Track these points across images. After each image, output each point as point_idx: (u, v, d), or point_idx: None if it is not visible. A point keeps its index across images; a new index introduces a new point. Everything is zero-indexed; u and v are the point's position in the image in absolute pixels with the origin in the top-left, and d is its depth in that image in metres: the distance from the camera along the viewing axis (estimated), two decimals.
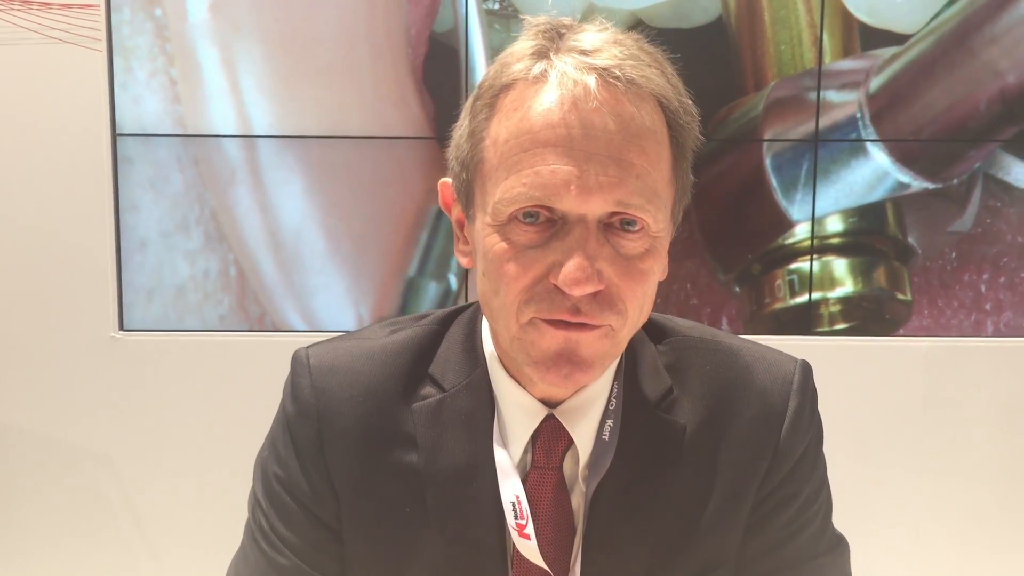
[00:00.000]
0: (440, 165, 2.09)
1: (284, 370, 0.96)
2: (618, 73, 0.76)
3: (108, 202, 2.10)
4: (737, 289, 2.14)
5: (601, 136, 0.75)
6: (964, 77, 2.07)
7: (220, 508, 2.06)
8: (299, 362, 0.91)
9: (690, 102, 0.82)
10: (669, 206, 0.81)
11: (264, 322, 2.14)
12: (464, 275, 2.14)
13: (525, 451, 0.88)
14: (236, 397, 2.11)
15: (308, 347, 0.93)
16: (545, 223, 0.77)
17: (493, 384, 0.89)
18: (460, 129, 0.84)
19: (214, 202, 2.11)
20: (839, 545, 0.93)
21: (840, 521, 0.95)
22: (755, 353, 0.93)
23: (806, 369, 0.92)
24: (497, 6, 2.06)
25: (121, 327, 2.13)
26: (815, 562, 0.89)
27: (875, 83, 2.08)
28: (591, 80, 0.75)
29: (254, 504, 0.93)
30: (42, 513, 2.17)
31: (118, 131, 2.08)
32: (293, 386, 0.91)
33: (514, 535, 0.85)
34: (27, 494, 2.17)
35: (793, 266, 2.14)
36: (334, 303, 2.14)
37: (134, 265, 2.12)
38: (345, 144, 2.09)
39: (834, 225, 2.12)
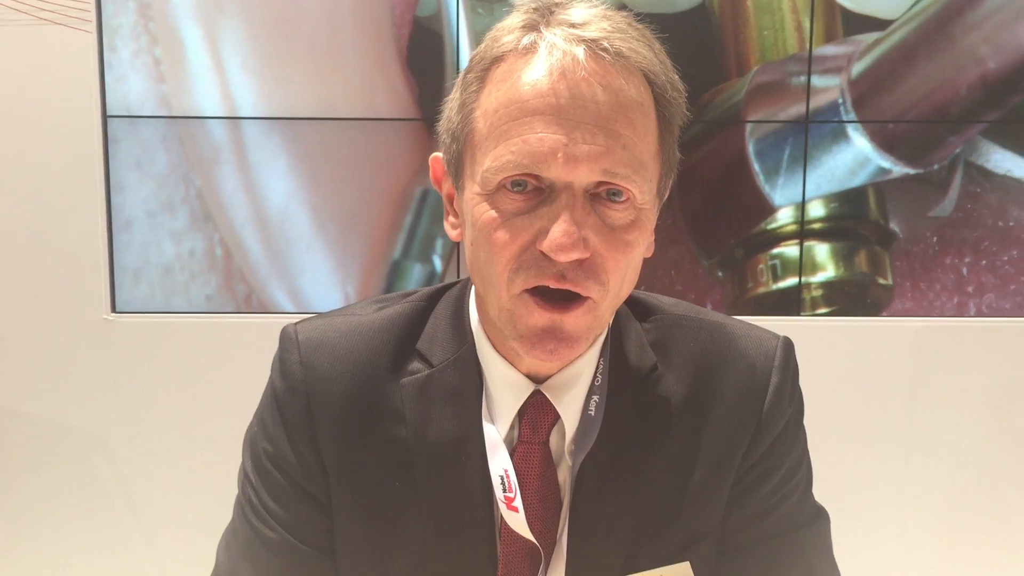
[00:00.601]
0: (425, 146, 2.10)
1: (271, 349, 0.97)
2: (607, 45, 0.77)
3: (99, 185, 2.09)
4: (720, 274, 2.16)
5: (589, 106, 0.76)
6: (945, 63, 2.09)
7: (212, 488, 2.06)
8: (287, 338, 0.92)
9: (677, 78, 0.83)
10: (655, 179, 0.83)
11: (251, 301, 2.14)
12: (449, 257, 2.15)
13: (512, 426, 0.89)
14: (229, 378, 2.11)
15: (296, 323, 0.93)
16: (533, 191, 0.78)
17: (480, 360, 0.90)
18: (451, 102, 0.85)
19: (200, 182, 2.11)
20: (819, 516, 0.95)
21: (827, 501, 0.97)
22: (738, 330, 0.95)
23: (788, 345, 0.94)
24: None
25: (113, 309, 2.13)
26: (796, 532, 0.91)
27: (857, 68, 2.10)
28: (580, 51, 0.77)
29: (243, 479, 0.94)
30: (36, 494, 2.18)
31: (108, 113, 2.08)
32: (282, 362, 0.91)
33: (502, 508, 0.86)
34: (21, 476, 2.17)
35: (776, 251, 2.15)
36: (320, 282, 2.15)
37: (120, 245, 2.12)
38: (330, 124, 2.09)
39: (816, 210, 2.14)
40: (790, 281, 2.16)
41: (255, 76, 2.08)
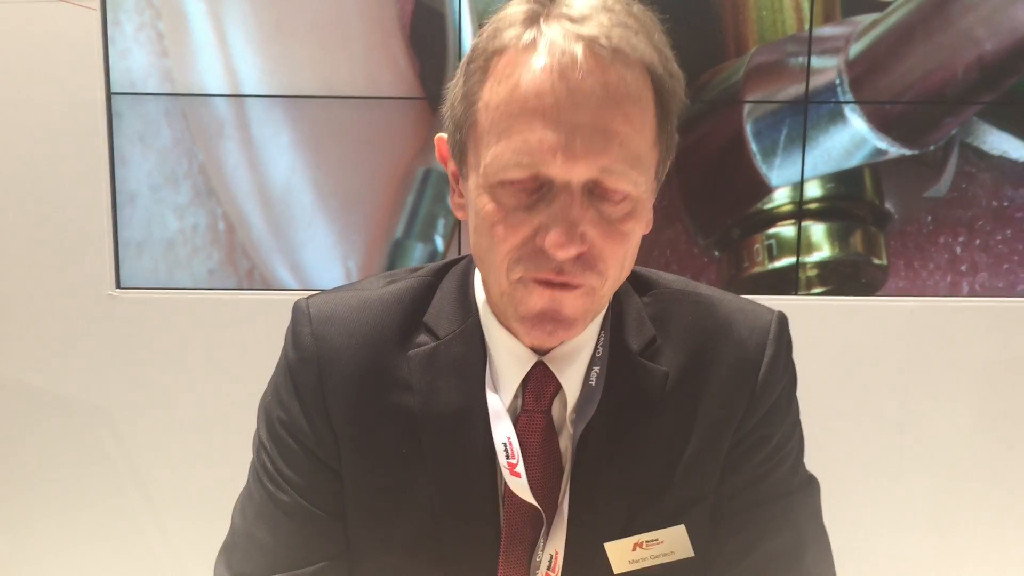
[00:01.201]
0: (427, 124, 2.11)
1: (278, 326, 1.00)
2: (604, 42, 0.79)
3: (104, 161, 2.10)
4: (716, 253, 2.18)
5: (587, 105, 0.79)
6: (942, 44, 2.10)
7: (217, 460, 2.12)
8: (300, 311, 0.96)
9: (675, 66, 0.85)
10: (653, 166, 0.86)
11: (253, 276, 2.16)
12: (450, 236, 2.17)
13: (516, 396, 0.92)
14: (232, 353, 2.14)
15: (308, 298, 0.97)
16: (533, 187, 0.81)
17: (485, 332, 0.93)
18: (454, 89, 0.88)
19: (203, 156, 2.13)
20: (810, 484, 0.98)
21: (821, 478, 1.00)
22: (734, 304, 0.98)
23: (782, 320, 0.97)
24: None
25: (118, 285, 2.16)
26: (788, 498, 0.95)
27: (854, 49, 2.11)
28: (578, 49, 0.78)
29: (258, 446, 0.97)
30: (41, 468, 2.21)
31: (111, 89, 2.09)
32: (294, 334, 0.95)
33: (505, 474, 0.89)
34: (28, 448, 2.20)
35: (772, 231, 2.18)
36: (322, 258, 2.17)
37: (124, 219, 2.14)
38: (333, 102, 2.10)
39: (813, 190, 2.16)
40: (786, 261, 2.18)
41: (258, 51, 2.09)
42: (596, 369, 0.92)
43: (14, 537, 2.25)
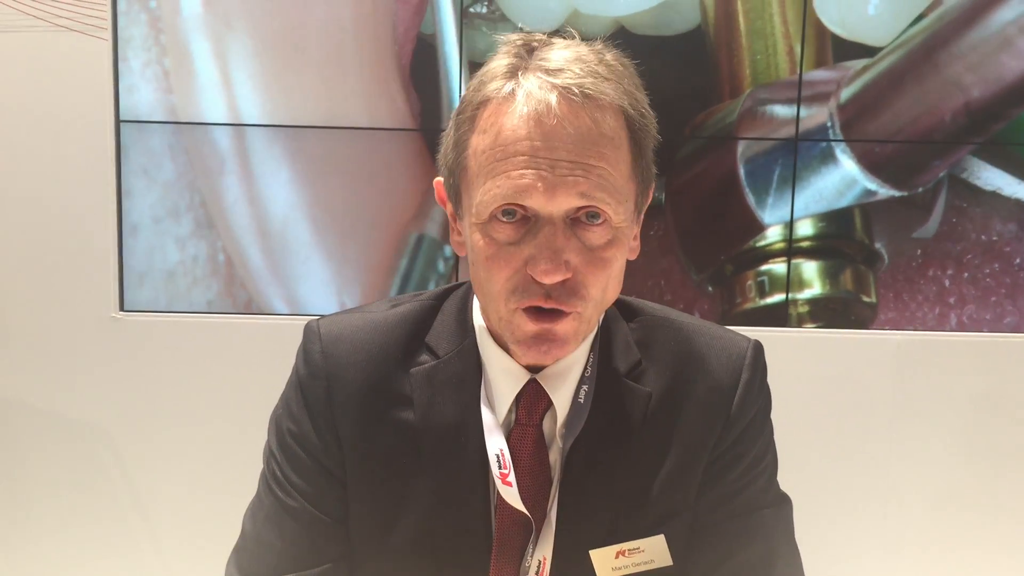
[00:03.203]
0: (423, 159, 2.16)
1: (277, 350, 1.06)
2: (576, 91, 0.87)
3: (111, 187, 2.15)
4: (710, 288, 2.22)
5: (563, 145, 0.87)
6: (930, 90, 2.15)
7: (216, 482, 2.13)
8: (311, 331, 1.02)
9: (647, 108, 0.94)
10: (632, 198, 0.93)
11: (251, 308, 2.19)
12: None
13: (509, 411, 0.99)
14: (233, 376, 2.17)
15: (319, 319, 1.04)
16: (520, 220, 0.89)
17: (481, 352, 1.00)
18: (447, 138, 0.96)
19: (204, 190, 2.17)
20: (783, 502, 1.04)
21: (809, 508, 1.05)
22: (714, 332, 1.05)
23: (757, 347, 1.04)
24: (484, 9, 2.13)
25: (122, 308, 2.19)
26: (760, 513, 1.01)
27: (845, 94, 2.16)
28: (552, 97, 0.87)
29: (268, 456, 1.03)
30: (43, 488, 2.23)
31: (121, 118, 2.14)
32: (305, 352, 1.01)
33: (498, 483, 0.95)
34: (30, 468, 2.22)
35: (764, 267, 2.21)
36: (318, 291, 2.20)
37: (127, 249, 2.18)
38: (332, 136, 2.15)
39: (804, 229, 2.20)
40: (777, 297, 2.22)
41: (261, 88, 2.14)
42: (585, 388, 0.99)
43: (14, 555, 2.25)
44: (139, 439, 2.21)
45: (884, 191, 2.19)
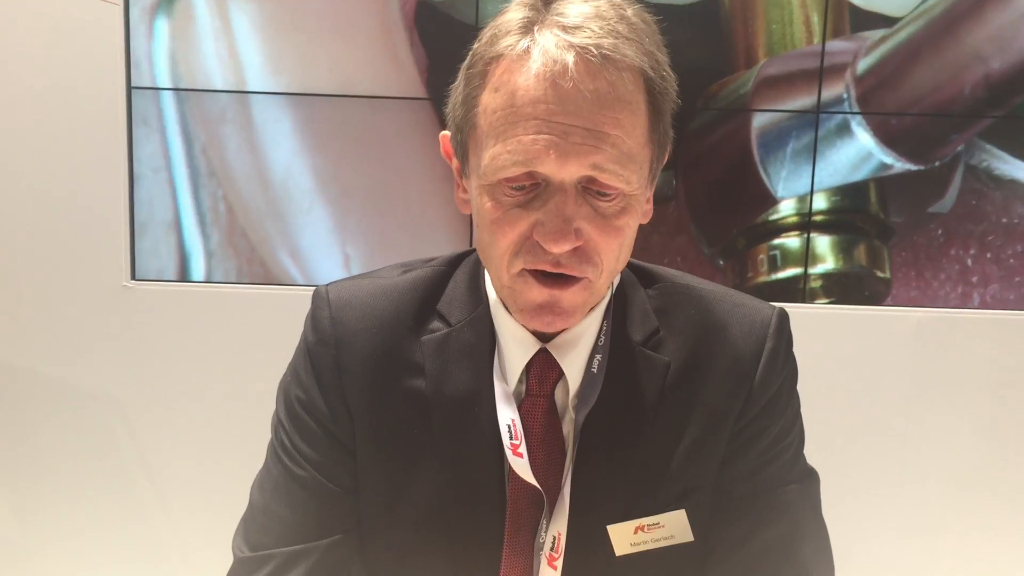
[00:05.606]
0: (429, 122, 2.14)
1: (290, 321, 1.04)
2: (595, 51, 0.82)
3: (122, 156, 2.14)
4: (721, 262, 2.20)
5: (577, 110, 0.82)
6: (949, 61, 2.12)
7: (227, 453, 2.14)
8: (320, 297, 1.00)
9: (668, 69, 0.89)
10: (646, 165, 0.89)
11: (253, 259, 2.19)
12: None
13: (520, 381, 0.96)
14: (245, 346, 2.17)
15: (327, 284, 1.01)
16: (529, 186, 0.85)
17: (493, 320, 0.97)
18: (456, 92, 0.92)
19: (204, 139, 2.15)
20: (809, 476, 1.00)
21: (825, 488, 1.01)
22: (737, 300, 1.01)
23: (782, 315, 1.00)
24: None
25: (133, 276, 2.19)
26: (786, 488, 0.97)
27: (863, 64, 2.13)
28: (569, 58, 0.82)
29: (277, 425, 1.01)
30: (54, 456, 2.23)
31: (133, 84, 2.12)
32: (314, 318, 0.99)
33: (509, 454, 0.92)
34: (41, 438, 2.23)
35: (776, 241, 2.19)
36: (320, 243, 2.19)
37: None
38: (338, 99, 2.13)
39: (818, 203, 2.17)
40: (790, 272, 2.20)
41: (262, 47, 2.11)
42: (598, 357, 0.95)
43: (24, 525, 2.26)
44: (149, 408, 2.22)
45: (900, 165, 2.16)
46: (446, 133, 0.96)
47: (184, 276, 2.20)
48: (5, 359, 2.20)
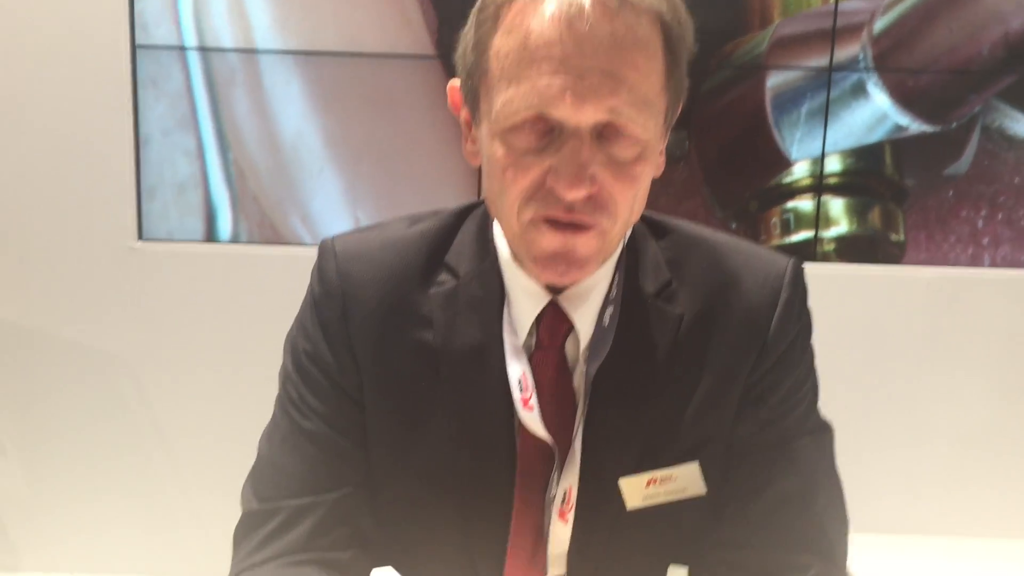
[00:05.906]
0: (439, 81, 2.12)
1: (298, 280, 1.03)
2: None
3: (128, 117, 2.13)
4: (734, 225, 2.18)
5: (594, 53, 0.80)
6: (967, 20, 2.08)
7: (235, 411, 2.14)
8: (326, 248, 0.98)
9: (685, 13, 0.86)
10: (662, 112, 0.86)
11: (264, 223, 2.18)
12: None
13: (530, 334, 0.94)
14: (252, 305, 2.18)
15: (334, 236, 0.99)
16: (543, 132, 0.83)
17: (502, 272, 0.95)
18: (466, 37, 0.89)
19: (215, 101, 2.14)
20: (823, 430, 0.98)
21: (837, 443, 1.00)
22: (751, 251, 0.99)
23: (798, 266, 0.98)
24: None
25: (140, 237, 2.19)
26: (800, 440, 0.95)
27: (879, 24, 2.10)
28: (586, 0, 0.80)
29: (284, 377, 0.99)
30: (64, 414, 2.26)
31: (137, 43, 2.11)
32: (320, 270, 0.97)
33: (519, 408, 0.91)
34: (49, 398, 2.25)
35: (790, 204, 2.17)
36: (331, 206, 2.19)
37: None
38: (347, 57, 2.11)
39: (832, 165, 2.15)
40: (803, 235, 2.18)
41: (272, 3, 2.10)
42: (610, 309, 0.93)
43: (35, 483, 2.28)
44: (158, 367, 2.23)
45: (916, 126, 2.13)
46: (454, 83, 0.93)
47: (201, 237, 2.19)
48: (18, 321, 2.21)
